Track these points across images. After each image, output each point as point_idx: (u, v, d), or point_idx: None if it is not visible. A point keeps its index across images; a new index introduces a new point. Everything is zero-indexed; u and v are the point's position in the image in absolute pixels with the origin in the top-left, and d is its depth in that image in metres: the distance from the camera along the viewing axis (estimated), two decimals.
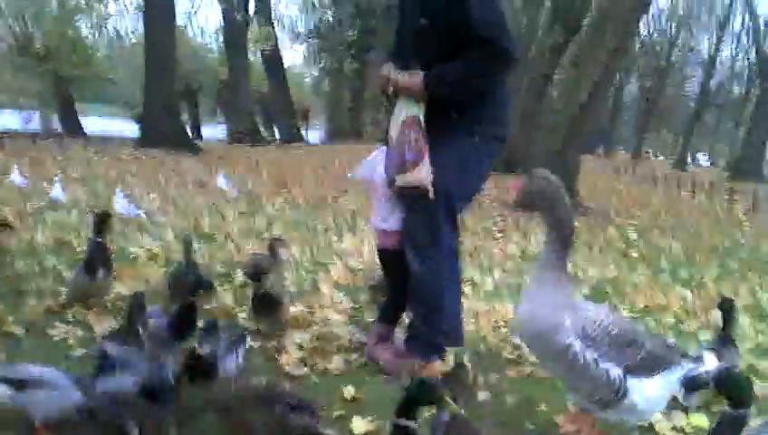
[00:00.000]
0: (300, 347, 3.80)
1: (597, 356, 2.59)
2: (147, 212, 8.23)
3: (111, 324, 3.85)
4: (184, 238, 4.69)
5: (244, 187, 12.13)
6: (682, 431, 3.08)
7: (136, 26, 31.14)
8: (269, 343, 3.84)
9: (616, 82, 41.11)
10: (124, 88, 35.15)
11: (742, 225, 12.82)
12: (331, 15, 41.19)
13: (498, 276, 6.27)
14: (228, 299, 4.66)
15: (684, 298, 5.93)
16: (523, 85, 17.98)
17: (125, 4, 31.18)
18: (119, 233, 6.91)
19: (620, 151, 62.35)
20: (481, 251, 7.51)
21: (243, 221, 8.44)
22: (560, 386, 3.50)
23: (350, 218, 9.49)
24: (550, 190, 2.73)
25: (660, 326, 4.98)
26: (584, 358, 2.59)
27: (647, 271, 7.22)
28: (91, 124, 27.59)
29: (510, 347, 4.12)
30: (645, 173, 26.64)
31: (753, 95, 41.02)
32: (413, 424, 2.19)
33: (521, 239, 8.82)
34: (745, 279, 7.17)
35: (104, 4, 28.42)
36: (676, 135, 64.04)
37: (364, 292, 5.03)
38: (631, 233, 10.24)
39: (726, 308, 3.68)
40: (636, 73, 52.48)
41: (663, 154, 69.72)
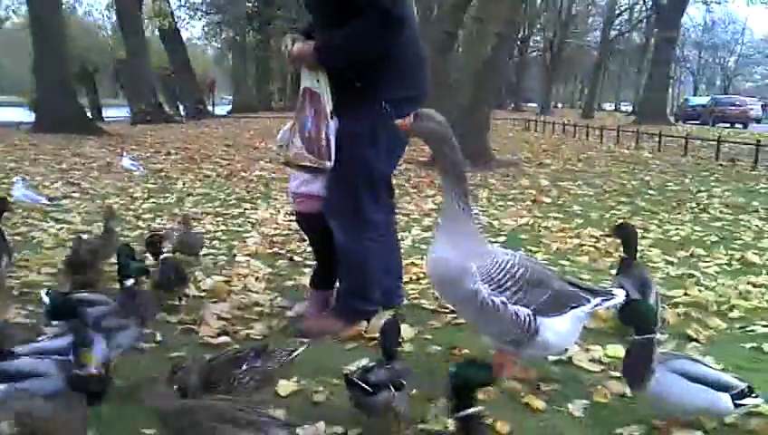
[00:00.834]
0: (219, 317, 3.70)
1: (504, 299, 2.63)
2: (50, 198, 7.86)
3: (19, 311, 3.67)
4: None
5: (151, 165, 11.76)
6: (599, 362, 3.15)
7: (18, 6, 29.42)
8: (188, 316, 3.72)
9: (520, 36, 41.75)
10: (14, 73, 33.41)
11: (648, 166, 13.28)
12: None
13: (416, 232, 6.28)
14: None
15: (596, 238, 6.08)
16: (428, 44, 17.97)
17: None
18: (22, 220, 6.60)
19: (530, 105, 63.72)
20: (397, 209, 7.50)
21: (152, 200, 8.18)
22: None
23: (262, 188, 9.33)
24: (437, 130, 2.74)
25: (575, 266, 5.08)
26: (492, 302, 2.62)
27: (559, 216, 7.37)
28: None
29: (431, 298, 4.12)
30: (554, 124, 27.23)
31: (652, 42, 42.37)
32: (476, 409, 2.16)
33: (436, 194, 8.88)
34: (654, 216, 7.42)
35: None
36: (582, 85, 65.83)
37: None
38: (543, 181, 10.46)
39: (622, 234, 3.83)
40: (539, 26, 53.49)
41: (571, 104, 71.58)
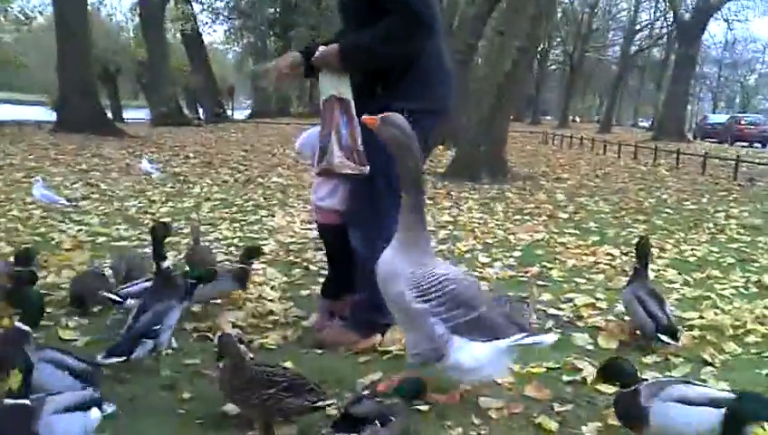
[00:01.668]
0: (234, 325, 3.72)
1: (426, 308, 2.61)
2: (69, 199, 7.94)
3: None
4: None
5: (169, 168, 11.85)
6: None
7: (45, 6, 29.72)
8: (203, 324, 3.75)
9: (540, 50, 41.70)
10: (38, 73, 33.73)
11: (666, 183, 13.22)
12: None
13: (432, 244, 6.27)
14: None
15: (612, 256, 6.06)
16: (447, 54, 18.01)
17: None
18: (42, 221, 6.68)
19: (547, 118, 63.59)
20: None
21: (170, 203, 8.24)
22: None
23: (279, 195, 9.38)
24: (399, 138, 2.72)
25: (591, 284, 5.06)
26: (414, 308, 2.62)
27: (576, 232, 7.35)
28: (4, 112, 26.37)
29: None
30: (572, 138, 27.16)
31: (672, 59, 42.18)
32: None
33: (452, 206, 8.88)
34: (671, 235, 7.38)
35: None
36: (600, 99, 65.59)
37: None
38: (560, 196, 10.43)
39: (640, 246, 3.97)
40: (560, 40, 53.41)
41: (589, 119, 71.35)
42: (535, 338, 2.71)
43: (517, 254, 6.08)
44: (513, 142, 18.35)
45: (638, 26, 50.47)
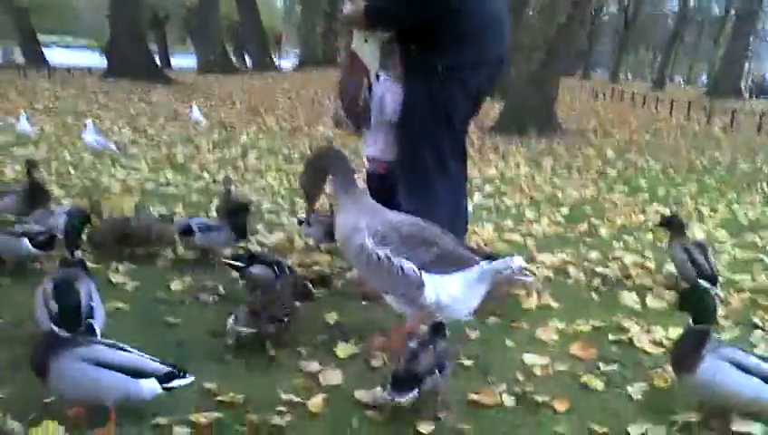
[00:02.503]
0: None
1: (389, 252, 2.63)
2: (118, 145, 8.05)
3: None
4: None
5: (216, 116, 11.91)
6: (660, 344, 3.09)
7: None
8: None
9: (594, 2, 40.54)
10: (89, 18, 34.04)
11: (719, 142, 12.85)
12: None
13: (477, 199, 6.23)
14: None
15: (662, 215, 5.93)
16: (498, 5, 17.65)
17: None
18: (92, 166, 6.79)
19: (599, 73, 62.09)
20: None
21: (217, 151, 8.30)
22: (538, 305, 3.51)
23: (325, 144, 9.37)
24: (330, 156, 2.88)
25: (639, 243, 4.98)
26: (377, 255, 2.65)
27: (625, 189, 7.22)
28: (56, 57, 26.75)
29: None
30: (623, 93, 26.52)
31: (732, 14, 40.63)
32: None
33: (499, 161, 8.77)
34: (723, 195, 7.20)
35: None
36: (655, 55, 63.80)
37: None
38: (609, 152, 10.23)
39: (670, 225, 4.06)
40: None
41: (642, 75, 69.54)
42: (502, 262, 2.63)
43: (565, 210, 5.99)
44: (563, 97, 17.91)
45: None
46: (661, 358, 2.93)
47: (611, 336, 3.13)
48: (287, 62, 42.56)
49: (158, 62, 25.28)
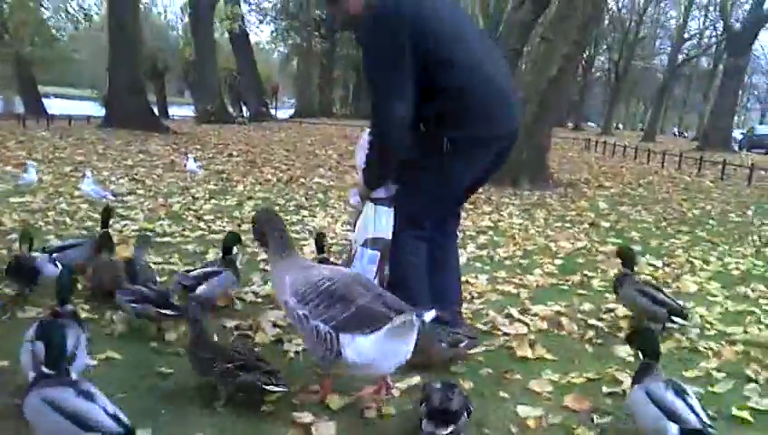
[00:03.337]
0: (274, 325, 3.77)
1: (306, 312, 2.66)
2: (114, 193, 8.11)
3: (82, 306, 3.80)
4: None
5: (213, 166, 12.01)
6: None
7: (100, 5, 30.34)
8: (245, 322, 3.80)
9: (585, 56, 41.29)
10: (89, 70, 34.48)
11: (710, 194, 12.99)
12: None
13: (471, 249, 6.28)
14: None
15: (655, 267, 5.99)
16: None
17: None
18: (87, 215, 6.82)
19: (590, 125, 62.89)
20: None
21: (213, 201, 8.36)
22: (531, 356, 3.53)
23: (321, 195, 9.45)
24: (264, 220, 3.01)
25: None
26: (297, 315, 2.70)
27: (618, 241, 7.27)
28: (55, 106, 27.03)
29: (485, 319, 4.13)
30: (615, 145, 26.84)
31: (720, 68, 41.38)
32: None
33: (492, 211, 8.85)
34: (714, 247, 7.26)
35: None
36: (645, 107, 64.65)
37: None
38: (602, 204, 10.33)
39: (624, 255, 4.22)
40: (605, 47, 52.82)
41: (632, 127, 70.36)
42: (410, 316, 2.53)
43: (558, 262, 6.03)
44: (555, 148, 18.15)
45: (686, 35, 49.59)
46: None
47: (605, 388, 3.15)
48: (283, 113, 43.02)
49: (157, 112, 25.56)
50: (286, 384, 2.73)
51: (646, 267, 5.95)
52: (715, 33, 48.61)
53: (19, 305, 3.84)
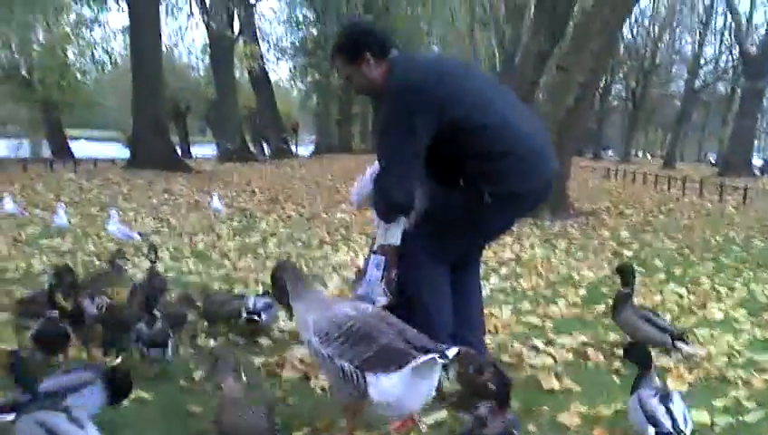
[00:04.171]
0: (302, 361, 3.81)
1: (331, 352, 2.68)
2: (140, 233, 8.24)
3: None
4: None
5: (236, 204, 12.16)
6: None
7: (125, 48, 31.03)
8: (271, 359, 3.85)
9: (602, 85, 41.36)
10: (113, 111, 35.14)
11: (733, 220, 12.90)
12: (316, 31, 41.40)
13: (494, 281, 6.30)
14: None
15: (680, 295, 5.96)
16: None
17: (111, 30, 31.08)
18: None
19: (610, 154, 62.76)
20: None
21: (237, 238, 8.46)
22: (558, 388, 3.54)
23: (343, 230, 9.52)
24: (280, 270, 3.18)
25: None
26: (321, 354, 2.72)
27: (641, 270, 7.25)
28: (81, 149, 27.54)
29: (509, 351, 4.14)
30: (635, 173, 26.76)
31: (738, 93, 41.27)
32: None
33: (514, 243, 8.87)
34: (739, 274, 7.21)
35: (90, 30, 28.40)
36: (664, 134, 64.41)
37: None
38: (624, 232, 10.30)
39: (624, 271, 4.30)
40: (622, 75, 52.91)
41: (652, 154, 70.06)
42: (434, 354, 2.54)
43: (582, 292, 6.04)
44: (575, 178, 18.12)
45: (702, 61, 49.59)
46: None
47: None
48: (304, 149, 43.41)
49: (180, 152, 25.96)
50: None
51: (671, 295, 5.94)
52: (731, 58, 48.58)
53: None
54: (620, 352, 4.18)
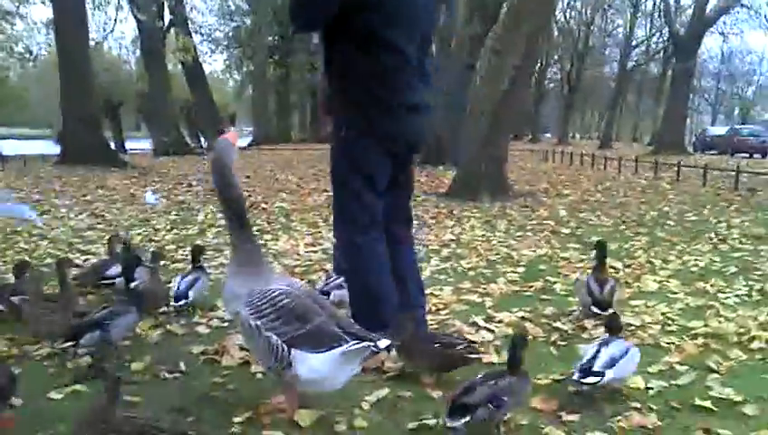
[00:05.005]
0: (241, 348, 3.75)
1: (260, 324, 2.70)
2: (74, 228, 8.01)
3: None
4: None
5: (173, 197, 11.93)
6: (621, 393, 3.16)
7: (49, 42, 30.04)
8: (210, 347, 3.78)
9: (537, 68, 41.97)
10: (40, 107, 34.04)
11: (667, 196, 13.25)
12: (249, 22, 40.90)
13: (435, 263, 6.32)
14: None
15: (615, 269, 6.09)
16: (446, 76, 18.26)
17: (34, 22, 29.96)
18: (48, 253, 6.72)
19: (547, 136, 63.81)
20: (415, 239, 7.55)
21: (174, 231, 8.30)
22: (498, 362, 3.57)
23: (283, 219, 9.44)
24: (216, 164, 2.99)
25: None
26: (249, 325, 2.72)
27: (578, 247, 7.38)
28: (8, 147, 26.50)
29: (449, 329, 4.15)
30: (572, 154, 27.25)
31: (669, 73, 42.39)
32: None
33: (455, 225, 8.92)
34: (673, 247, 7.41)
35: (11, 24, 27.35)
36: (600, 116, 65.77)
37: None
38: (562, 211, 10.47)
39: (600, 247, 4.69)
40: (556, 58, 53.80)
41: (589, 136, 71.49)
42: (367, 344, 2.62)
43: (520, 270, 6.11)
44: (513, 160, 18.39)
45: (634, 42, 50.77)
46: (621, 406, 3.00)
47: (571, 388, 3.19)
48: (242, 140, 42.87)
49: (114, 147, 25.28)
50: None
51: (607, 271, 6.05)
52: (661, 39, 49.89)
53: None
54: (558, 325, 4.28)
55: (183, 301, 4.40)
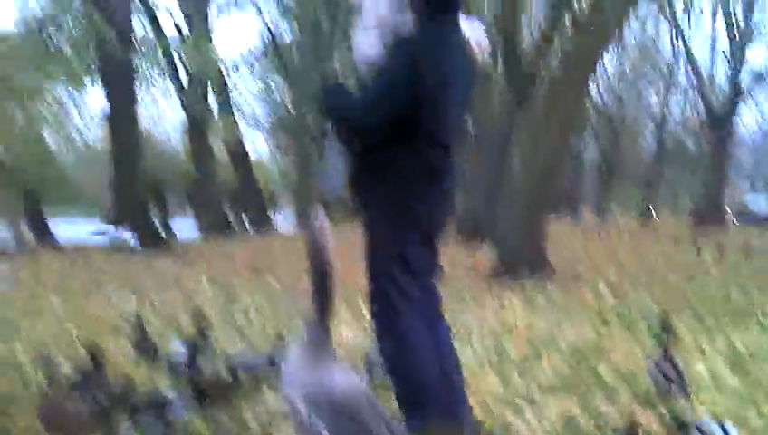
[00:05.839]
0: None
1: (311, 416, 2.66)
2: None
3: None
4: None
5: (219, 280, 12.16)
6: None
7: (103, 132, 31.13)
8: None
9: (574, 144, 42.13)
10: (92, 191, 35.02)
11: (709, 273, 13.07)
12: (289, 101, 41.87)
13: (476, 344, 6.35)
14: None
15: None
16: (483, 155, 18.57)
17: (90, 115, 31.17)
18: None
19: (586, 212, 63.40)
20: (457, 322, 7.58)
21: (222, 316, 8.47)
22: None
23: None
24: (310, 238, 2.89)
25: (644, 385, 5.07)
26: (299, 412, 2.68)
27: (622, 330, 7.34)
28: (60, 229, 27.08)
29: (497, 422, 4.18)
30: (612, 230, 27.03)
31: (706, 146, 42.19)
32: None
33: (496, 308, 8.92)
34: (720, 329, 7.31)
35: (69, 118, 28.45)
36: (637, 190, 65.17)
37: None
38: (603, 291, 10.41)
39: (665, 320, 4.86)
40: (592, 134, 53.92)
41: (628, 209, 70.72)
42: None
43: (565, 354, 6.10)
44: (554, 239, 18.21)
45: (668, 114, 50.69)
46: None
47: None
48: (286, 222, 43.36)
49: (161, 230, 25.76)
50: None
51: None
52: (696, 113, 49.79)
53: None
54: (605, 410, 4.28)
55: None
